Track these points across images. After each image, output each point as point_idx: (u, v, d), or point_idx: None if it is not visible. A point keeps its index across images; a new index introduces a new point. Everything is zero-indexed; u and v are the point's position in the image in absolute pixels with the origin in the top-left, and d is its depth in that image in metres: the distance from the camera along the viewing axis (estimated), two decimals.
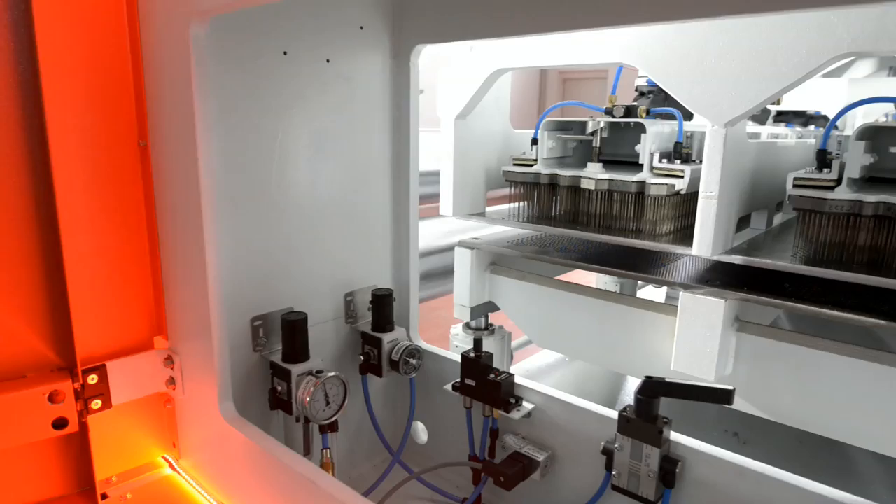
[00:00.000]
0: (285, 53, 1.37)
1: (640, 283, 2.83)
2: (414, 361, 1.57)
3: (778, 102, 2.57)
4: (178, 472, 1.48)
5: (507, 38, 1.59)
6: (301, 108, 1.43)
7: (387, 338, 1.56)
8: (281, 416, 1.44)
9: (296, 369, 1.35)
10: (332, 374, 1.37)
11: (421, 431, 1.79)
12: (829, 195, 1.29)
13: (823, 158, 1.36)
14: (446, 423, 1.67)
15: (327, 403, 1.38)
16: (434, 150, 1.90)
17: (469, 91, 1.71)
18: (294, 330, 1.37)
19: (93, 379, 1.30)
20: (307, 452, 1.44)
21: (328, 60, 1.45)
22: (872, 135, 1.37)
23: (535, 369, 2.65)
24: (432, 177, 1.94)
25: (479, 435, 1.54)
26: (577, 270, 1.90)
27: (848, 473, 2.07)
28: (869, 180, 1.50)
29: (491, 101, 1.88)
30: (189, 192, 1.23)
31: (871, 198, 1.25)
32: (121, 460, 1.45)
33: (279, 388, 1.38)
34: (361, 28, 1.51)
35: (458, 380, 1.51)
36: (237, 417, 1.33)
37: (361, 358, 1.60)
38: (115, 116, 1.28)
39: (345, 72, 1.50)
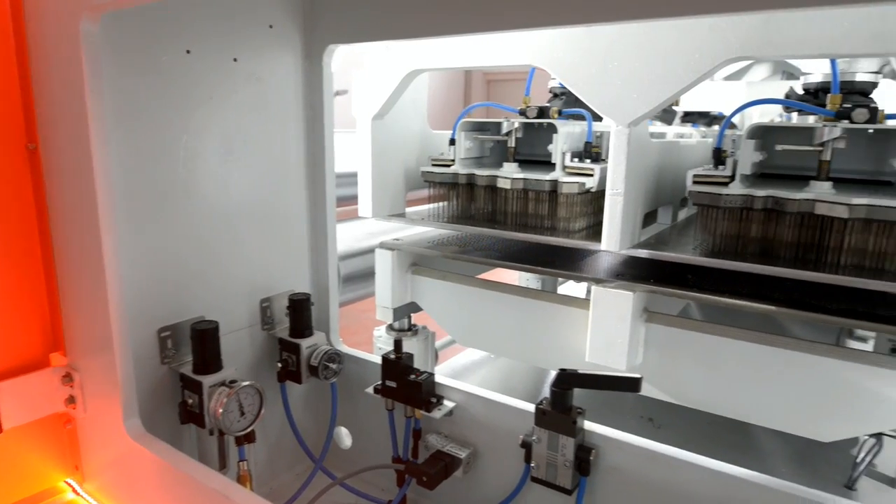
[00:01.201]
0: (188, 52, 1.31)
1: (560, 279, 2.91)
2: (334, 366, 1.55)
3: (676, 104, 2.71)
4: (82, 497, 1.39)
5: (421, 39, 1.59)
6: (209, 109, 1.37)
7: (305, 343, 1.52)
8: (193, 430, 1.39)
9: (207, 380, 1.30)
10: (246, 383, 1.33)
11: (345, 436, 1.76)
12: (723, 191, 1.37)
13: (719, 156, 1.44)
14: (370, 426, 1.65)
15: (242, 414, 1.33)
16: (352, 151, 1.88)
17: (385, 91, 1.70)
18: (204, 339, 1.31)
19: None
20: (223, 466, 1.39)
21: (236, 60, 1.41)
22: (762, 134, 1.46)
23: (460, 367, 2.67)
24: (351, 178, 1.91)
25: (402, 436, 1.54)
26: (499, 269, 1.94)
27: (751, 449, 2.22)
28: (761, 176, 1.61)
29: (408, 101, 1.88)
30: (84, 197, 1.16)
31: (760, 192, 1.34)
32: (17, 488, 1.34)
33: (190, 401, 1.32)
34: (271, 27, 1.48)
35: (380, 382, 1.50)
36: (145, 434, 1.26)
37: (279, 365, 1.55)
38: None
39: (255, 72, 1.46)
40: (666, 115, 2.85)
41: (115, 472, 1.35)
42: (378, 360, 1.55)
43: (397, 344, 1.46)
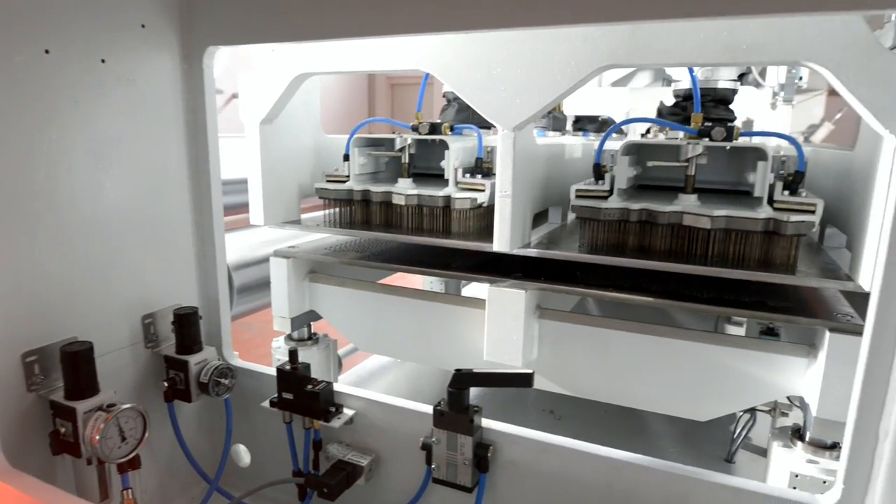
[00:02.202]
0: (47, 52, 1.21)
1: (463, 282, 2.96)
2: (226, 381, 1.49)
3: (557, 108, 2.84)
4: None
5: (305, 43, 1.56)
6: (74, 113, 1.27)
7: (194, 360, 1.45)
8: (69, 460, 1.28)
9: (81, 406, 1.20)
10: (126, 406, 1.24)
11: (243, 453, 1.69)
12: (603, 204, 1.45)
13: (598, 171, 1.52)
14: (267, 441, 1.60)
15: (123, 439, 1.24)
16: (242, 156, 1.81)
17: (273, 95, 1.66)
18: (76, 362, 1.21)
19: None
20: (105, 497, 1.29)
21: (103, 61, 1.31)
22: (635, 151, 1.57)
23: (366, 373, 2.65)
24: (245, 185, 1.84)
25: (301, 448, 1.50)
26: (401, 276, 1.94)
27: (643, 433, 2.36)
28: (639, 187, 1.72)
29: (299, 105, 1.84)
30: None
31: (635, 206, 1.44)
32: None
33: (63, 430, 1.22)
34: (143, 26, 1.39)
35: (276, 395, 1.45)
36: (9, 470, 1.15)
37: (165, 384, 1.47)
38: None
39: (126, 74, 1.37)
40: (557, 121, 2.98)
41: None
42: (275, 372, 1.51)
43: (292, 354, 1.42)
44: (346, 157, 1.76)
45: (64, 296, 1.29)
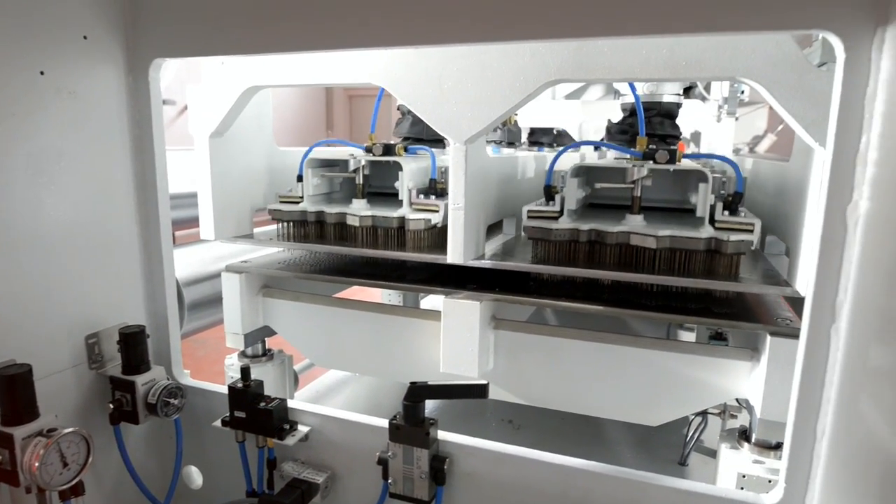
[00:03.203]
0: None
1: (421, 294, 2.95)
2: (175, 401, 1.45)
3: (510, 121, 2.90)
4: None
5: (254, 56, 1.55)
6: (10, 126, 1.23)
7: (141, 380, 1.41)
8: (6, 489, 1.22)
9: (19, 432, 1.15)
10: (68, 430, 1.19)
11: (195, 475, 1.65)
12: (553, 225, 1.48)
13: (549, 193, 1.55)
14: (220, 461, 1.56)
15: (65, 465, 1.19)
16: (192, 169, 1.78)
17: (223, 108, 1.63)
18: (14, 386, 1.16)
19: None
20: None
21: (42, 73, 1.27)
22: (584, 172, 1.61)
23: (324, 388, 2.62)
24: (196, 199, 1.81)
25: (255, 468, 1.47)
26: (359, 289, 1.92)
27: (600, 440, 2.40)
28: (590, 206, 1.76)
29: (251, 117, 1.82)
30: None
31: (584, 226, 1.48)
32: None
33: None
34: (85, 38, 1.36)
35: (228, 414, 1.42)
36: None
37: (111, 406, 1.42)
38: None
39: (67, 86, 1.33)
40: (511, 133, 3.03)
41: None
42: (227, 390, 1.47)
43: (244, 371, 1.40)
44: (300, 178, 1.75)
45: (0, 316, 1.24)
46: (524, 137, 3.46)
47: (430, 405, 2.51)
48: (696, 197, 1.47)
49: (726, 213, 1.42)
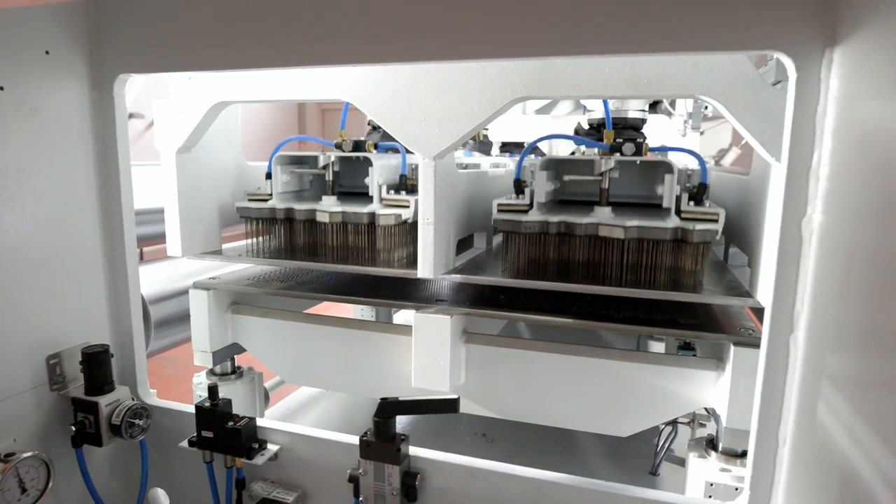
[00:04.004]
0: None
1: (393, 309, 2.95)
2: (140, 422, 1.41)
3: (477, 137, 2.93)
4: None
5: (220, 72, 1.54)
6: None
7: (104, 400, 1.37)
8: None
9: None
10: (27, 455, 1.16)
11: (161, 497, 1.61)
12: (523, 218, 1.50)
13: (519, 186, 1.57)
14: (188, 482, 1.53)
15: (24, 491, 1.16)
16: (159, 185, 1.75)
17: (190, 124, 1.62)
18: None
19: None
20: None
21: (2, 88, 1.25)
22: (553, 166, 1.63)
23: (296, 405, 2.58)
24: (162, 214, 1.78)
25: (223, 488, 1.44)
26: (332, 305, 1.91)
27: (573, 452, 2.41)
28: (559, 202, 1.79)
29: (219, 132, 1.80)
30: None
31: (554, 218, 1.49)
32: None
33: None
34: (47, 53, 1.34)
35: (195, 434, 1.39)
36: None
37: (73, 428, 1.38)
38: None
39: (28, 101, 1.30)
40: (483, 146, 3.06)
41: None
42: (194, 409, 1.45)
43: (212, 390, 1.37)
44: (269, 176, 1.74)
45: None
46: (496, 150, 3.50)
47: (404, 420, 2.50)
48: (662, 189, 1.50)
49: (692, 203, 1.45)
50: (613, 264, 1.48)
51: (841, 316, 0.93)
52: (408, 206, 1.64)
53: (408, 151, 1.81)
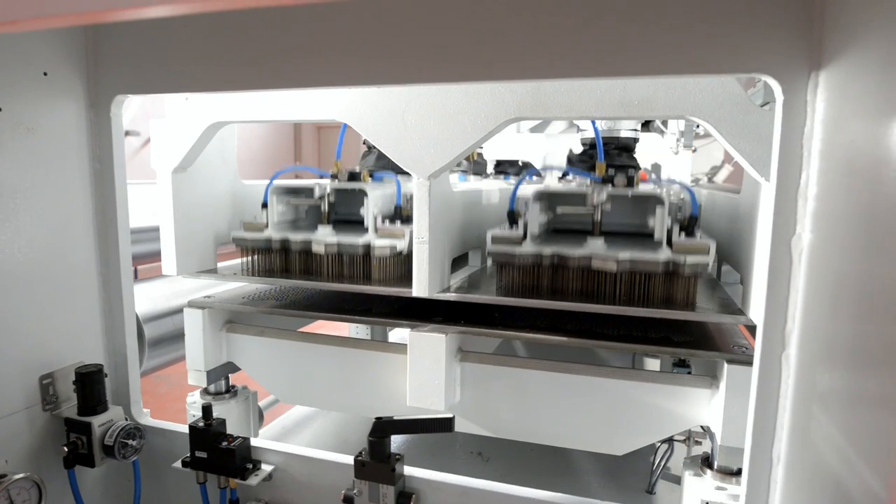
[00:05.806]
0: None
1: (388, 328, 2.94)
2: (134, 443, 1.41)
3: (471, 158, 2.95)
4: None
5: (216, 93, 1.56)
6: None
7: (98, 421, 1.37)
8: None
9: None
10: (18, 476, 1.15)
11: None
12: (517, 249, 1.51)
13: (512, 217, 1.59)
14: (181, 503, 1.51)
15: None
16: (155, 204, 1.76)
17: (186, 143, 1.63)
18: None
19: None
20: None
21: (0, 109, 1.26)
22: (546, 197, 1.65)
23: (291, 424, 2.57)
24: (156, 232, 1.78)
25: None
26: (324, 323, 1.91)
27: (569, 470, 2.40)
28: (554, 231, 1.80)
29: (215, 152, 1.82)
30: None
31: (547, 250, 1.51)
32: None
33: None
34: (45, 74, 1.35)
35: (189, 454, 1.39)
36: None
37: (66, 449, 1.37)
38: None
39: (25, 122, 1.32)
40: (477, 165, 3.08)
41: None
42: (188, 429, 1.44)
43: (206, 410, 1.37)
44: (265, 205, 1.75)
45: None
46: (490, 169, 3.53)
47: (399, 439, 2.49)
48: (654, 220, 1.52)
49: (682, 234, 1.47)
50: (606, 294, 1.49)
51: (831, 333, 0.94)
52: (403, 237, 1.65)
53: (402, 172, 1.83)
